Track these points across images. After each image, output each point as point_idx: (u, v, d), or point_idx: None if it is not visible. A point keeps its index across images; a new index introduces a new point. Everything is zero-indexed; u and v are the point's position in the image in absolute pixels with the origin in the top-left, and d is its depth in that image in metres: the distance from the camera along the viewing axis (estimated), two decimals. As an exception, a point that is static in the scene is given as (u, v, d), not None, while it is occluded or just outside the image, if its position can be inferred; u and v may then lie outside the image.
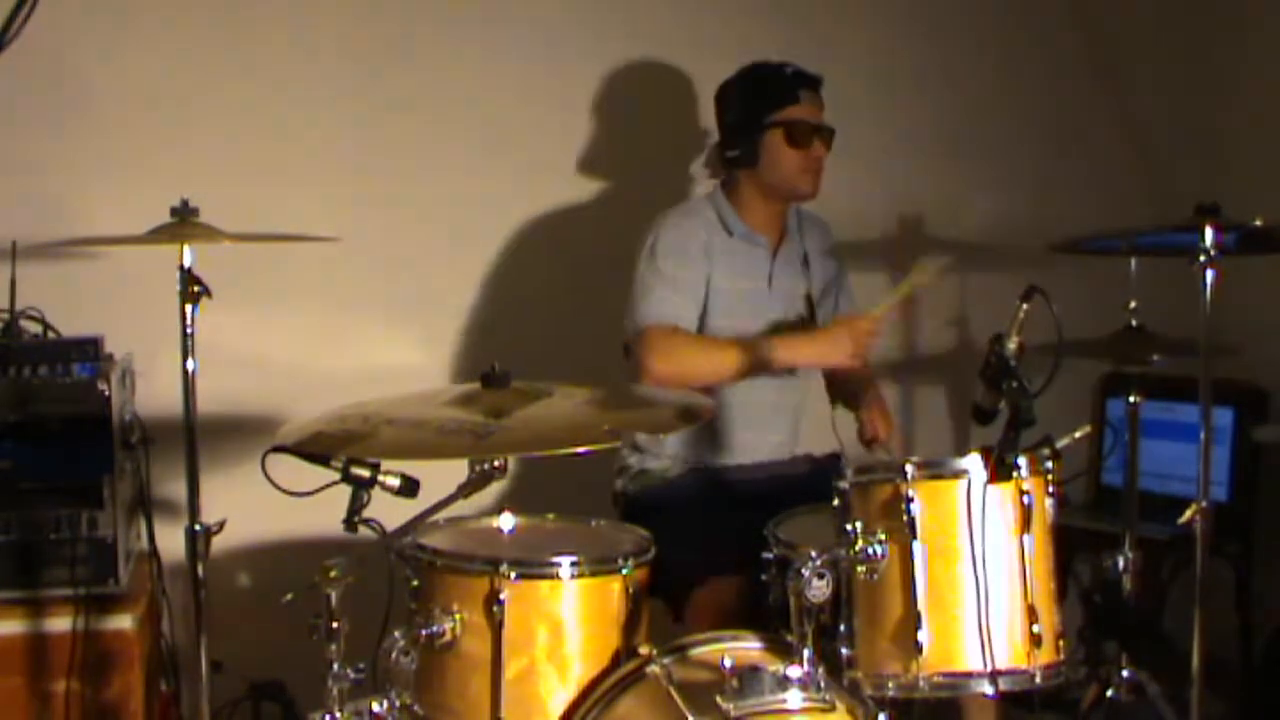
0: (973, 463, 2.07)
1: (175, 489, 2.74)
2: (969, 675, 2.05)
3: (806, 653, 1.94)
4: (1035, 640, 2.06)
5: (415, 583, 2.20)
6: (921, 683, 2.04)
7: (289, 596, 2.01)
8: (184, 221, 2.28)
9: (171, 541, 2.72)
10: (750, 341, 2.76)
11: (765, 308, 2.90)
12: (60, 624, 2.59)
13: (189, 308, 2.24)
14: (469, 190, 3.41)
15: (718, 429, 2.88)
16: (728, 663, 1.94)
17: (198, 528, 2.25)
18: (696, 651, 2.13)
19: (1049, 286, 2.05)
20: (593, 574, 2.17)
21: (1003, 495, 2.07)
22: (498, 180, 3.43)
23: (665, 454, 2.91)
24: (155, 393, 2.91)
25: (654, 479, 2.91)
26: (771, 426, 2.95)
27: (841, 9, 3.69)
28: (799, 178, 2.86)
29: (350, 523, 2.07)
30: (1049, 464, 2.13)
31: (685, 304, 2.80)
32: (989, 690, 2.06)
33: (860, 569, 2.07)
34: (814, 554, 1.96)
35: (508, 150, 3.43)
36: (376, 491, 2.06)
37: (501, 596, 2.09)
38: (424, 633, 2.09)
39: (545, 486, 2.71)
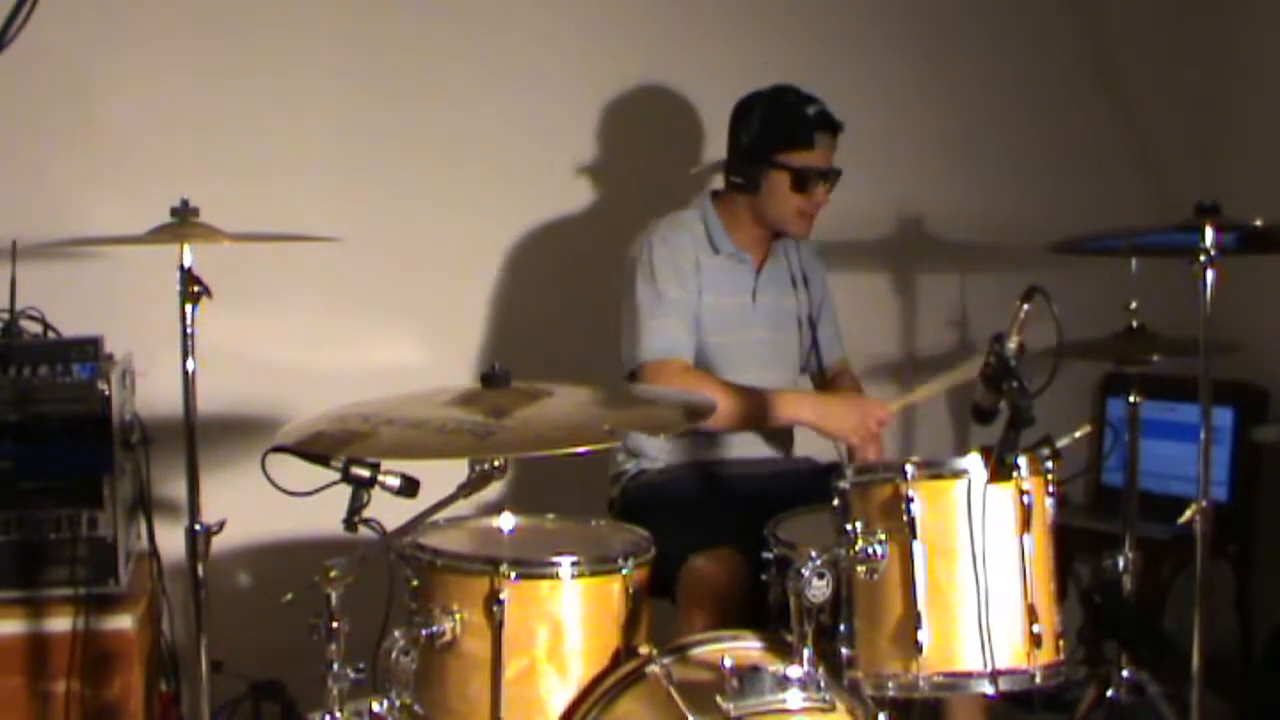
0: (973, 463, 2.07)
1: (175, 489, 2.74)
2: (969, 675, 2.05)
3: (806, 653, 1.94)
4: (1035, 640, 2.06)
5: (415, 583, 2.20)
6: (921, 683, 2.04)
7: (289, 596, 2.01)
8: (184, 221, 2.27)
9: (171, 541, 2.72)
10: (756, 390, 2.75)
11: (750, 324, 2.91)
12: (60, 624, 2.59)
13: (189, 308, 2.24)
14: (469, 190, 3.41)
15: (715, 434, 2.87)
16: (728, 663, 1.94)
17: (198, 528, 2.25)
18: (696, 651, 2.13)
19: (1049, 286, 2.05)
20: (593, 574, 2.17)
21: (1003, 495, 2.07)
22: (498, 180, 3.43)
23: (661, 458, 2.91)
24: (155, 393, 2.91)
25: (649, 476, 2.91)
26: (769, 432, 2.94)
27: (842, 9, 3.69)
28: (794, 220, 2.86)
29: (350, 523, 2.07)
30: (1049, 464, 2.12)
31: (683, 328, 2.79)
32: (989, 690, 2.06)
33: (860, 569, 2.06)
34: (814, 554, 1.96)
35: (509, 150, 3.43)
36: (376, 491, 2.07)
37: (501, 596, 2.09)
38: (424, 633, 2.09)
39: (545, 486, 2.72)
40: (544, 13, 3.47)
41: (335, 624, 1.96)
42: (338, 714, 1.98)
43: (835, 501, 2.13)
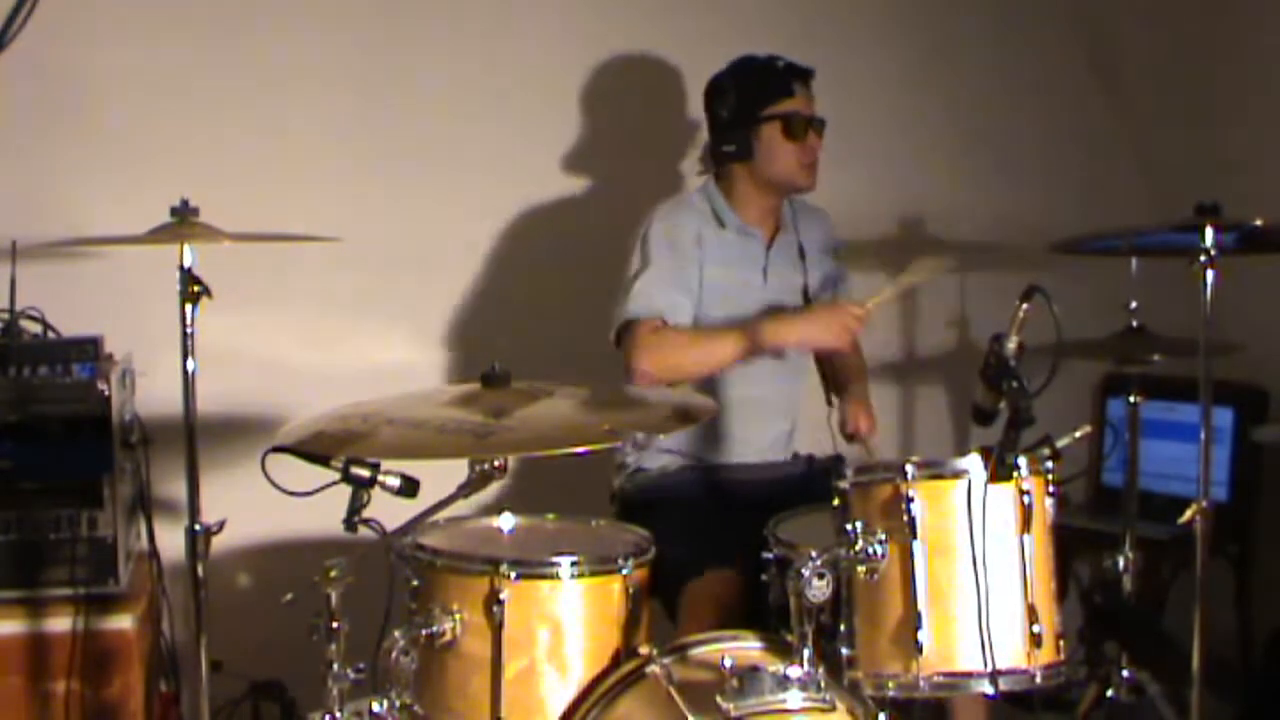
0: (973, 463, 2.07)
1: (175, 489, 2.74)
2: (969, 675, 2.05)
3: (806, 653, 1.94)
4: (1035, 640, 2.06)
5: (415, 583, 2.20)
6: (921, 683, 2.04)
7: (289, 596, 2.01)
8: (184, 221, 2.28)
9: (171, 541, 2.72)
10: (738, 326, 2.74)
11: (760, 300, 2.89)
12: (60, 624, 2.59)
13: (189, 308, 2.24)
14: (468, 190, 3.41)
15: (715, 425, 2.87)
16: (728, 663, 1.94)
17: (198, 528, 2.25)
18: (696, 651, 2.13)
19: (1049, 286, 2.05)
20: (593, 574, 2.17)
21: (1003, 495, 2.07)
22: (497, 180, 3.43)
23: (663, 451, 2.91)
24: (155, 393, 2.90)
25: (651, 476, 2.91)
26: (770, 422, 2.95)
27: (840, 7, 3.69)
28: (797, 171, 2.86)
29: (350, 523, 2.07)
30: (1049, 464, 2.12)
31: (675, 296, 2.78)
32: (989, 690, 2.06)
33: (860, 569, 2.06)
34: (814, 554, 1.96)
35: (507, 149, 3.43)
36: (376, 491, 2.06)
37: (501, 596, 2.09)
38: (424, 633, 2.09)
39: (545, 486, 2.71)
40: (540, 13, 3.47)
41: (335, 624, 1.97)
42: (338, 714, 1.98)
43: (835, 501, 2.14)
